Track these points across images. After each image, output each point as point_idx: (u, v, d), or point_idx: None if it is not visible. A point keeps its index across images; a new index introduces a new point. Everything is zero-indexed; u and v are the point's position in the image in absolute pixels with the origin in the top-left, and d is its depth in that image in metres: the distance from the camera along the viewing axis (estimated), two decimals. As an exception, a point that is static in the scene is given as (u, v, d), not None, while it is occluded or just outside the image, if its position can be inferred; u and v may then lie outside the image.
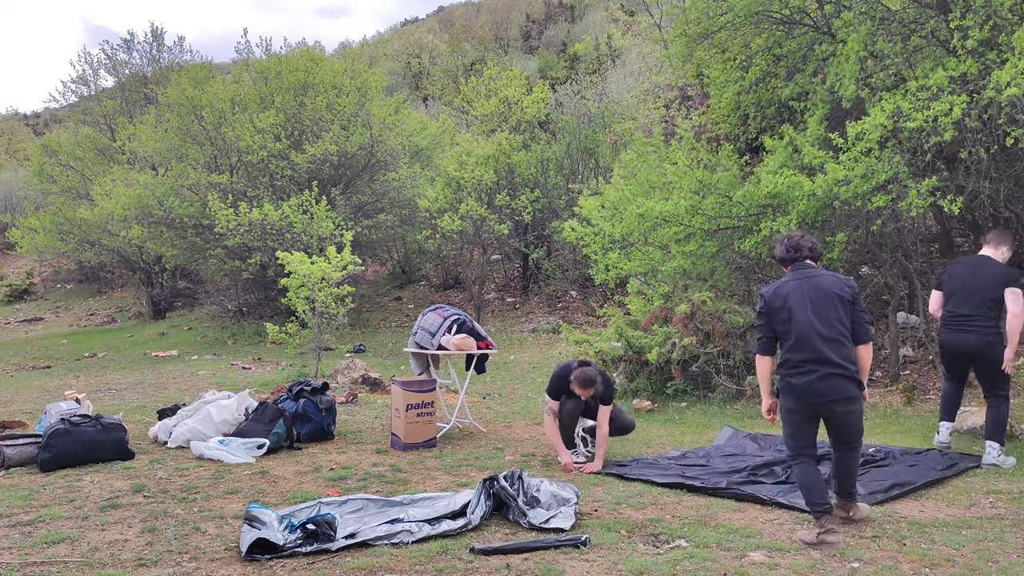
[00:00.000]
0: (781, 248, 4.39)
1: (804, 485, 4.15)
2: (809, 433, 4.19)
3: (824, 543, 3.92)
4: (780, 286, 4.24)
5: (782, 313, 4.16)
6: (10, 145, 42.60)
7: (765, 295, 4.25)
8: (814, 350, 4.06)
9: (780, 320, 4.17)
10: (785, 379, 4.15)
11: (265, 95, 17.76)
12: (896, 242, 8.98)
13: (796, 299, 4.14)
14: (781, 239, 4.44)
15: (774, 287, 4.27)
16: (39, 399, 9.41)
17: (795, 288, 4.17)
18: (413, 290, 20.21)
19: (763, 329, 4.23)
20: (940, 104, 7.11)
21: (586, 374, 5.74)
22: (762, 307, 4.24)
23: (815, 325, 4.08)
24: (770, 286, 4.29)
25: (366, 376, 10.20)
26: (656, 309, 9.27)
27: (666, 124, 15.85)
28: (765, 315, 4.22)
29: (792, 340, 4.12)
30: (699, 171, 8.87)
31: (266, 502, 4.78)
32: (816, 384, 4.06)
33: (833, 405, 4.09)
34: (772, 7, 9.33)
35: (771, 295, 4.23)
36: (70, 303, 26.75)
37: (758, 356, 4.28)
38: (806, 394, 4.08)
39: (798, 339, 4.09)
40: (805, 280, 4.20)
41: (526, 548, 3.92)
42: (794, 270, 4.29)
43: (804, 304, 4.12)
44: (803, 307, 4.12)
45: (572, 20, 43.37)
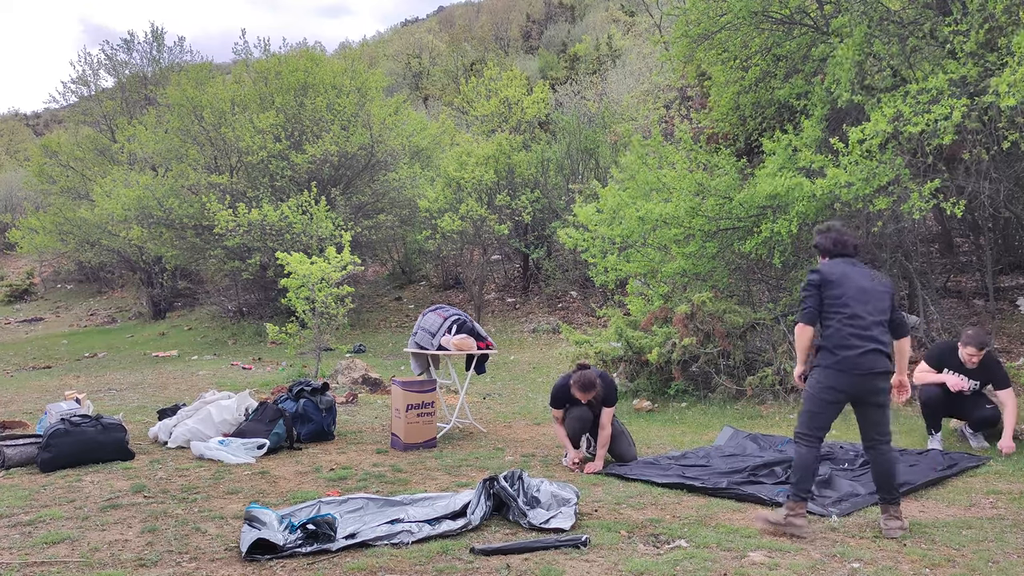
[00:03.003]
0: (827, 240, 4.47)
1: (801, 467, 4.24)
2: (830, 417, 4.31)
3: (791, 524, 4.08)
4: (834, 265, 4.36)
5: (837, 288, 4.26)
6: (10, 145, 42.58)
7: (822, 270, 4.34)
8: (865, 327, 4.20)
9: (833, 295, 4.26)
10: (831, 352, 4.23)
11: (265, 95, 17.76)
12: (896, 242, 8.98)
13: (851, 279, 4.28)
14: (827, 230, 4.53)
15: (830, 264, 4.37)
16: (39, 399, 9.41)
17: (849, 270, 4.32)
18: (413, 290, 20.21)
19: (812, 300, 4.30)
20: (940, 107, 7.11)
21: (585, 377, 5.71)
22: (816, 280, 4.31)
23: (866, 305, 4.24)
24: (824, 265, 4.39)
25: (366, 376, 10.20)
26: (656, 309, 9.27)
27: (666, 124, 15.86)
28: (817, 287, 4.30)
29: (845, 315, 4.22)
30: (699, 173, 8.87)
31: (266, 502, 4.78)
32: (860, 358, 4.17)
33: (874, 379, 4.21)
34: (772, 7, 9.34)
35: (828, 269, 4.33)
36: (70, 303, 26.74)
37: (802, 325, 4.32)
38: (854, 366, 4.18)
39: (852, 315, 4.21)
40: (856, 267, 4.37)
41: (526, 548, 3.92)
42: (844, 262, 4.39)
43: (858, 285, 4.28)
44: (857, 287, 4.27)
45: (572, 20, 43.37)
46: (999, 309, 9.71)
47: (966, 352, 6.05)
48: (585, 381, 5.69)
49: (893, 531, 4.15)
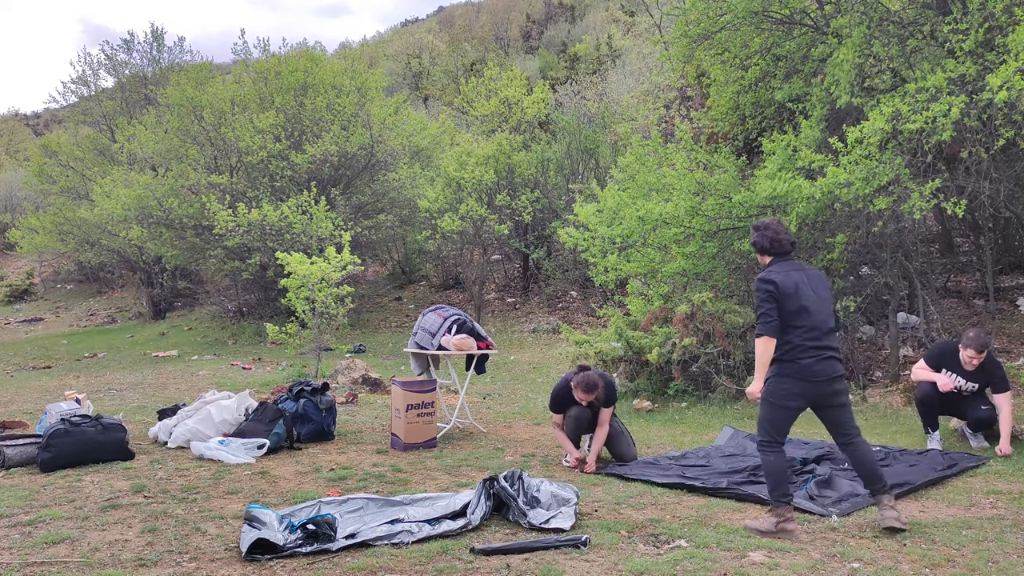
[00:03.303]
0: (764, 239, 4.52)
1: (775, 473, 4.30)
2: (791, 423, 4.44)
3: (783, 531, 4.13)
4: (786, 274, 4.38)
5: (794, 301, 4.32)
6: (10, 145, 42.58)
7: (776, 280, 4.35)
8: (821, 336, 4.31)
9: (791, 308, 4.31)
10: (793, 361, 4.30)
11: (265, 95, 17.76)
12: (896, 242, 8.98)
13: (804, 288, 4.35)
14: (763, 227, 4.55)
15: (782, 274, 4.38)
16: (39, 399, 9.41)
17: (800, 278, 4.38)
18: (413, 290, 20.21)
19: (773, 312, 4.33)
20: (939, 105, 7.11)
21: (588, 379, 5.68)
22: (773, 291, 4.34)
23: (820, 315, 4.34)
24: (775, 273, 4.39)
25: (366, 376, 10.20)
26: (656, 309, 9.27)
27: (666, 124, 15.86)
28: (776, 299, 4.33)
29: (804, 327, 4.30)
30: (699, 173, 8.87)
31: (266, 502, 4.78)
32: (819, 365, 4.29)
33: (831, 384, 4.33)
34: (772, 7, 9.34)
35: (782, 281, 4.35)
36: (70, 303, 26.74)
37: (766, 338, 4.33)
38: (814, 374, 4.28)
39: (810, 325, 4.30)
40: (803, 272, 4.44)
41: (526, 548, 3.92)
42: (783, 261, 4.47)
43: (811, 293, 4.35)
44: (811, 298, 4.34)
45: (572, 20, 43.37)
46: (999, 309, 9.71)
47: (966, 355, 6.04)
48: (588, 382, 5.66)
49: (890, 520, 4.16)
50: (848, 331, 9.07)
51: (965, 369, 6.10)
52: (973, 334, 6.10)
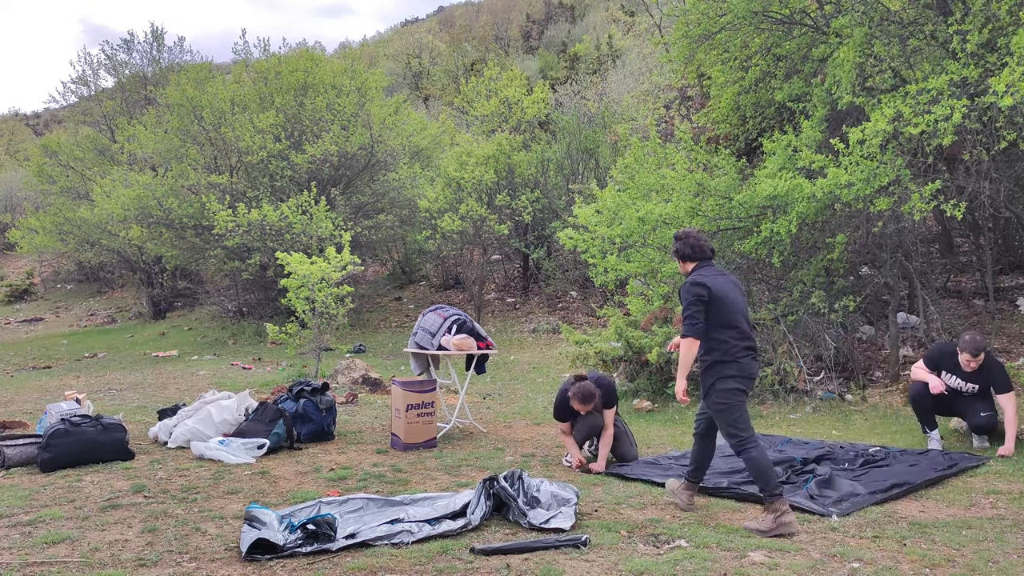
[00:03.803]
0: (686, 246, 4.71)
1: (761, 468, 4.37)
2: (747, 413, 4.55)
3: (783, 524, 4.18)
4: (714, 279, 4.56)
5: (724, 305, 4.49)
6: (10, 145, 42.59)
7: (708, 285, 4.49)
8: (749, 337, 4.57)
9: (722, 311, 4.48)
10: (735, 361, 4.46)
11: (265, 95, 17.76)
12: (896, 242, 8.98)
13: (730, 293, 4.55)
14: (684, 236, 4.76)
15: (711, 278, 4.55)
16: (39, 399, 9.41)
17: (725, 284, 4.58)
18: (413, 290, 20.21)
19: (701, 315, 4.46)
20: (940, 108, 7.11)
21: (584, 389, 5.63)
22: (704, 295, 4.47)
23: (746, 316, 4.60)
24: (704, 276, 4.55)
25: (366, 376, 10.20)
26: (656, 309, 9.27)
27: (665, 124, 15.86)
28: (706, 303, 4.46)
29: (735, 328, 4.50)
30: (699, 174, 8.87)
31: (266, 502, 4.78)
32: (750, 364, 4.54)
33: (754, 380, 4.67)
34: (772, 7, 9.34)
35: (713, 284, 4.51)
36: (70, 303, 26.74)
37: (692, 339, 4.44)
38: (751, 372, 4.54)
39: (740, 329, 4.52)
40: (726, 276, 4.67)
41: (526, 548, 3.92)
42: (706, 267, 4.66)
43: (737, 297, 4.59)
44: (736, 301, 4.56)
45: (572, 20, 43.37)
46: (999, 309, 9.71)
47: (963, 359, 6.02)
48: (584, 393, 5.62)
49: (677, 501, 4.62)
50: (848, 331, 9.07)
51: (966, 371, 6.09)
52: (969, 337, 6.09)
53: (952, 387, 6.18)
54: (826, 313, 8.54)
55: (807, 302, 8.69)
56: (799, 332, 8.66)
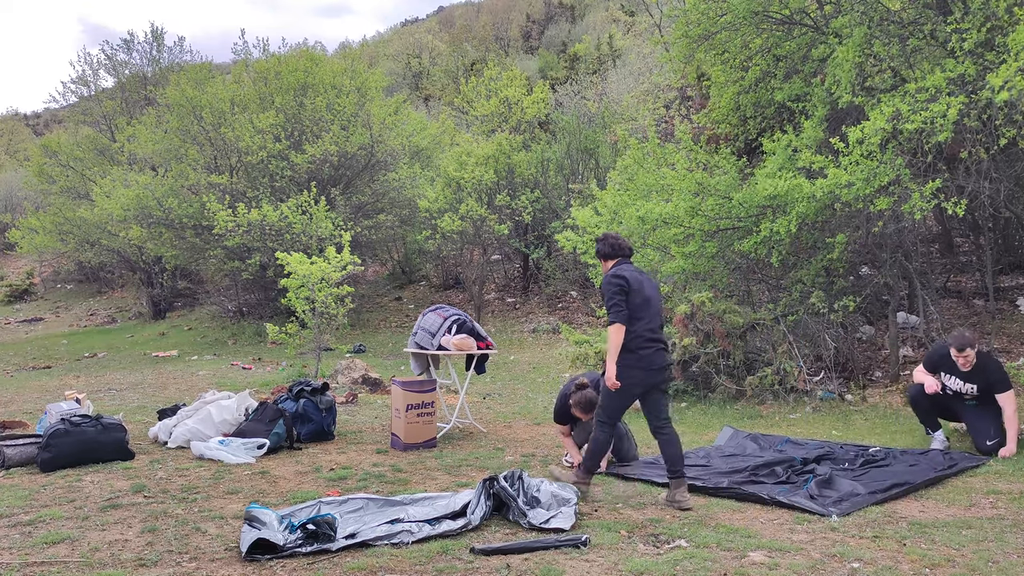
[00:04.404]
0: (606, 246, 5.16)
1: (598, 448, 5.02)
2: (628, 406, 5.05)
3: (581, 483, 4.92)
4: (631, 273, 4.97)
5: (638, 296, 4.87)
6: (10, 145, 42.59)
7: (627, 277, 4.90)
8: (655, 329, 4.92)
9: (635, 302, 4.86)
10: (636, 351, 4.83)
11: (265, 95, 17.75)
12: (896, 242, 8.98)
13: (644, 287, 4.94)
14: (603, 238, 5.21)
15: (629, 272, 4.96)
16: (39, 399, 9.41)
17: (641, 278, 4.98)
18: (413, 290, 20.21)
19: (623, 303, 4.84)
20: (938, 105, 7.11)
21: (584, 398, 5.62)
22: (624, 285, 4.87)
23: (655, 310, 4.95)
24: (623, 271, 4.95)
25: (366, 376, 10.20)
26: (656, 309, 9.26)
27: (665, 124, 15.85)
28: (627, 293, 4.86)
29: (645, 320, 4.87)
30: (698, 173, 8.87)
31: (266, 502, 4.78)
32: (656, 356, 4.89)
33: (662, 373, 4.98)
34: (772, 7, 9.34)
35: (631, 278, 4.91)
36: (70, 303, 26.75)
37: (619, 325, 4.81)
38: (652, 362, 4.87)
39: (650, 319, 4.89)
40: (642, 273, 5.05)
41: (526, 548, 3.92)
42: (624, 263, 5.06)
43: (648, 293, 4.94)
44: (649, 295, 4.93)
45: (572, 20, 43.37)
46: (999, 309, 9.71)
47: (954, 355, 6.03)
48: (585, 402, 5.61)
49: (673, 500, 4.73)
50: (848, 331, 9.07)
51: (962, 370, 6.08)
52: (956, 334, 6.11)
53: (952, 388, 6.16)
54: (826, 313, 8.55)
55: (807, 302, 8.69)
56: (799, 332, 8.67)
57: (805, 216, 8.21)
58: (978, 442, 6.02)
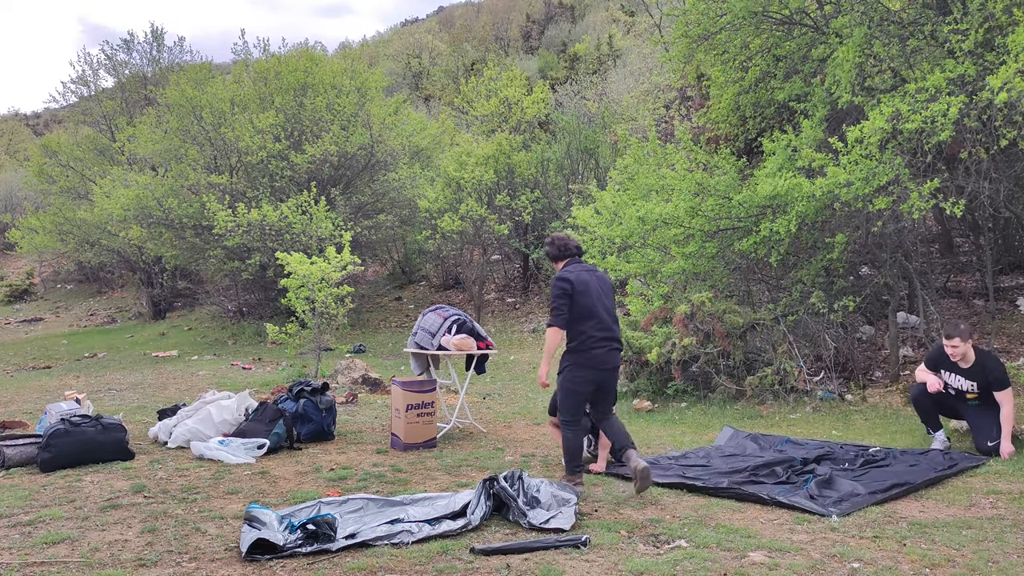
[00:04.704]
0: (554, 247, 5.26)
1: (572, 447, 5.06)
2: (584, 402, 5.14)
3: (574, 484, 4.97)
4: (578, 274, 5.03)
5: (585, 297, 4.95)
6: (10, 145, 42.60)
7: (571, 279, 4.99)
8: (608, 329, 4.99)
9: (582, 303, 4.95)
10: (587, 351, 4.95)
11: (265, 95, 17.76)
12: (896, 242, 8.98)
13: (594, 286, 5.00)
14: (551, 241, 5.31)
15: (575, 273, 5.04)
16: (39, 399, 9.41)
17: (590, 277, 5.04)
18: (413, 290, 20.21)
19: (565, 308, 4.94)
20: (938, 105, 7.11)
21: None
22: (568, 288, 4.95)
23: (607, 309, 5.03)
24: (569, 272, 5.05)
25: (366, 376, 10.20)
26: (656, 309, 9.27)
27: (665, 124, 15.85)
28: (570, 296, 4.94)
29: (594, 320, 4.95)
30: (698, 173, 8.87)
31: (266, 502, 4.78)
32: (607, 355, 4.99)
33: (614, 372, 5.12)
34: (772, 7, 9.34)
35: (576, 280, 4.99)
36: (70, 303, 26.75)
37: (556, 329, 4.95)
38: (603, 362, 4.98)
39: (598, 321, 4.95)
40: (592, 272, 5.11)
41: (526, 548, 3.92)
42: (574, 263, 5.15)
43: (599, 291, 5.01)
44: (599, 294, 5.00)
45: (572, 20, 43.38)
46: (999, 309, 9.71)
47: (944, 345, 6.05)
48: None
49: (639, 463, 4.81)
50: (848, 331, 9.07)
51: (960, 366, 6.09)
52: (947, 325, 6.16)
53: (954, 386, 6.17)
54: (826, 313, 8.54)
55: (807, 302, 8.69)
56: (799, 332, 8.67)
57: (805, 216, 8.21)
58: (979, 442, 6.01)
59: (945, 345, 6.03)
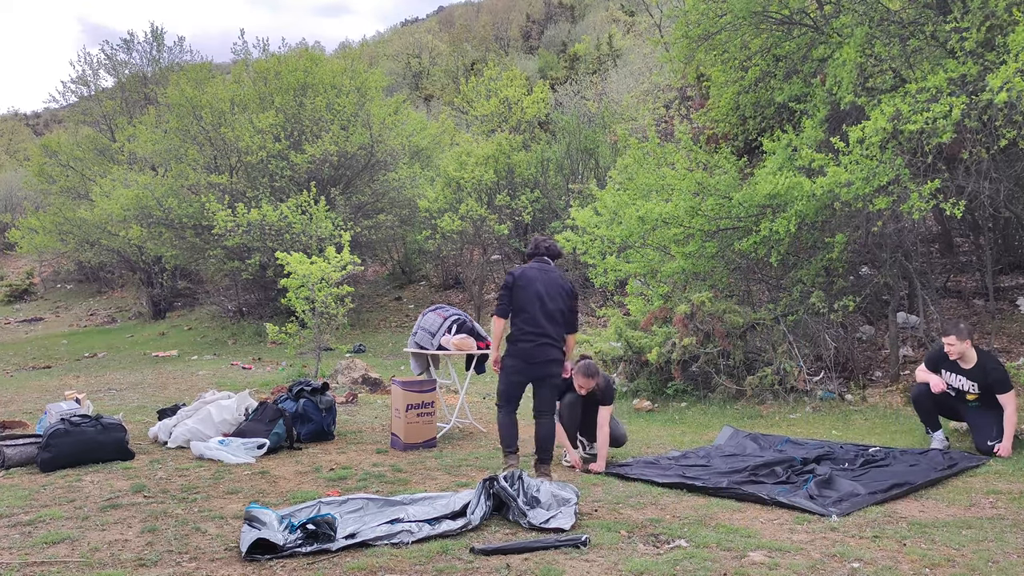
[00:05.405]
0: (528, 247, 5.64)
1: (503, 428, 5.37)
2: (517, 391, 5.39)
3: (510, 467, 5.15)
4: (527, 270, 5.40)
5: (522, 292, 5.28)
6: (10, 145, 42.60)
7: (515, 274, 5.39)
8: (537, 325, 5.25)
9: (519, 297, 5.28)
10: (515, 343, 5.29)
11: (264, 95, 17.76)
12: (896, 242, 8.98)
13: (538, 284, 5.30)
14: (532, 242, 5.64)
15: (522, 270, 5.42)
16: (39, 399, 9.41)
17: (536, 275, 5.36)
18: (413, 290, 20.21)
19: (506, 299, 5.32)
20: (939, 106, 7.11)
21: (587, 365, 5.85)
22: (510, 282, 5.35)
23: (545, 308, 5.26)
24: (518, 269, 5.47)
25: (366, 376, 10.20)
26: (656, 309, 9.27)
27: (665, 124, 15.86)
28: (511, 289, 5.32)
29: (527, 314, 5.26)
30: (698, 173, 8.87)
31: (266, 502, 4.78)
32: (533, 350, 5.26)
33: (545, 366, 5.30)
34: (772, 7, 9.34)
35: (519, 275, 5.37)
36: (70, 303, 26.74)
37: (496, 318, 5.36)
38: (529, 355, 5.26)
39: (531, 314, 5.25)
40: (543, 272, 5.40)
41: (526, 548, 3.92)
42: (536, 262, 5.48)
43: (542, 289, 5.28)
44: (535, 291, 5.27)
45: (572, 20, 43.38)
46: (999, 309, 9.71)
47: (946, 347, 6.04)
48: (588, 369, 5.80)
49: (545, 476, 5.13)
50: (848, 331, 9.07)
51: (961, 367, 6.08)
52: (948, 324, 6.16)
53: (955, 387, 6.16)
54: (826, 313, 8.54)
55: (807, 302, 8.69)
56: (799, 332, 8.67)
57: (805, 215, 8.21)
58: (979, 442, 6.01)
59: (945, 344, 6.03)
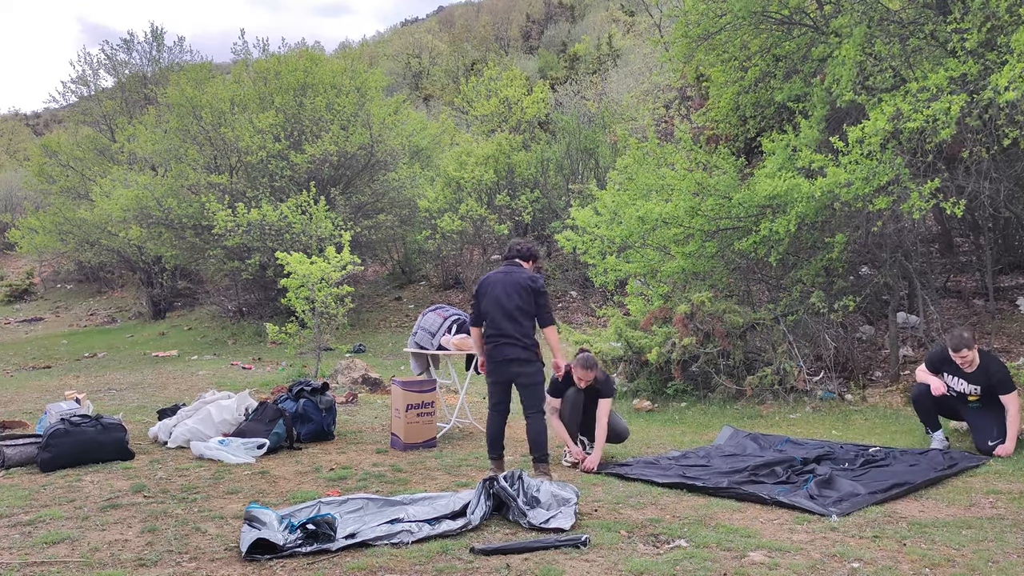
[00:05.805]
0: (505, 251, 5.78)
1: (487, 429, 5.55)
2: (497, 392, 5.53)
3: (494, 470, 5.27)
4: (490, 275, 5.54)
5: (486, 297, 5.43)
6: (10, 145, 42.59)
7: (482, 280, 5.56)
8: (497, 327, 5.37)
9: (483, 302, 5.44)
10: (487, 346, 5.46)
11: (264, 95, 17.76)
12: (896, 242, 8.98)
13: (496, 287, 5.41)
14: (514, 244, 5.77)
15: (486, 276, 5.56)
16: (39, 399, 9.41)
17: (498, 279, 5.47)
18: (413, 290, 20.20)
19: (475, 308, 5.52)
20: (940, 104, 7.11)
21: (586, 357, 5.91)
22: (477, 289, 5.54)
23: (502, 308, 5.36)
24: (484, 276, 5.59)
25: (366, 376, 10.20)
26: (656, 309, 9.27)
27: (665, 124, 15.86)
28: (476, 296, 5.52)
29: (489, 318, 5.42)
30: (698, 173, 8.87)
31: (266, 502, 4.78)
32: (495, 350, 5.39)
33: (511, 366, 5.39)
34: (771, 7, 9.34)
35: (483, 282, 5.54)
36: (70, 303, 26.74)
37: (472, 327, 5.57)
38: (491, 356, 5.42)
39: (492, 318, 5.40)
40: (506, 274, 5.48)
41: (526, 548, 3.92)
42: (505, 265, 5.58)
43: (498, 292, 5.39)
44: (497, 294, 5.38)
45: (572, 20, 43.37)
46: (999, 309, 9.71)
47: (953, 357, 6.02)
48: (586, 362, 5.86)
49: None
50: (848, 331, 9.07)
51: (964, 370, 6.07)
52: (953, 334, 6.11)
53: (956, 389, 6.15)
54: (826, 313, 8.54)
55: (807, 302, 8.69)
56: (799, 332, 8.67)
57: (804, 216, 8.21)
58: (979, 442, 6.01)
59: (955, 357, 5.97)
